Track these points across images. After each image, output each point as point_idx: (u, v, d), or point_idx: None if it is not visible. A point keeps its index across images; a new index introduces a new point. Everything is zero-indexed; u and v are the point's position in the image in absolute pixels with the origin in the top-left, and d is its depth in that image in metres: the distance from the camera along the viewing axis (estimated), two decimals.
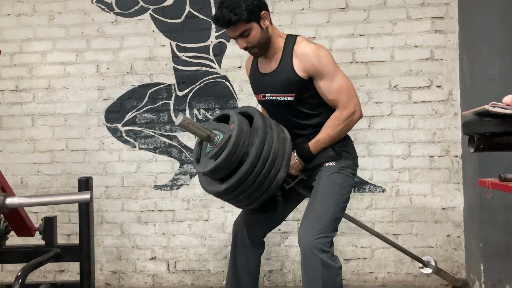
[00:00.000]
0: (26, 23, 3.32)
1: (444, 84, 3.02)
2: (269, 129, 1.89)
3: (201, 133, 1.84)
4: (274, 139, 1.87)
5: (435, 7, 3.03)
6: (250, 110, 1.96)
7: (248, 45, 1.97)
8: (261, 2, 1.97)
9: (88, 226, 2.23)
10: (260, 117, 1.89)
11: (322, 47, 1.99)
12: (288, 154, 1.91)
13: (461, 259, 3.00)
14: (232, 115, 1.88)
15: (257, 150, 1.81)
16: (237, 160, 1.81)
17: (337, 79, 1.95)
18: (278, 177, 1.87)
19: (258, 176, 1.82)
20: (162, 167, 3.23)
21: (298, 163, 2.00)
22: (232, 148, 1.78)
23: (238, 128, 1.80)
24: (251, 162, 1.80)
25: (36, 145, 3.30)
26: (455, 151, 3.01)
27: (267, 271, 3.13)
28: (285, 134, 1.97)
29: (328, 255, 1.84)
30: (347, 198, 2.02)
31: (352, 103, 1.96)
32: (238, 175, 1.80)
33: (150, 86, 3.24)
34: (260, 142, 1.82)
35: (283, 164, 1.89)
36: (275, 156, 1.85)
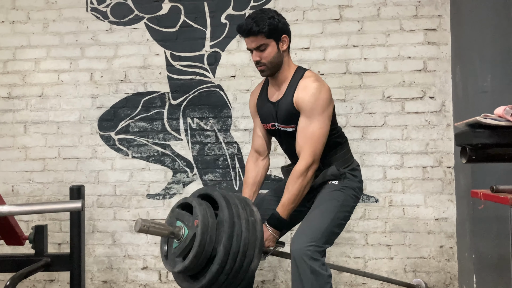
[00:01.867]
0: (20, 31, 3.31)
1: (437, 95, 3.04)
2: (237, 218, 1.81)
3: (164, 232, 1.78)
4: (243, 229, 1.80)
5: (428, 19, 3.06)
6: (213, 194, 1.89)
7: (261, 60, 2.01)
8: (285, 26, 2.06)
9: (79, 235, 2.20)
10: (225, 206, 1.81)
11: (325, 90, 1.99)
12: (260, 239, 1.85)
13: (454, 270, 3.00)
14: (195, 206, 1.80)
15: (225, 247, 1.75)
16: (205, 259, 1.76)
17: (314, 125, 1.96)
18: (252, 267, 1.83)
19: (230, 272, 1.77)
20: (155, 176, 3.21)
21: (273, 233, 2.01)
22: (198, 249, 1.72)
23: (202, 224, 1.74)
24: (221, 261, 1.74)
25: (28, 153, 3.28)
26: (448, 162, 3.03)
27: (260, 282, 3.11)
28: (255, 216, 1.89)
29: (318, 263, 1.85)
30: (346, 216, 2.04)
31: (312, 155, 1.96)
32: (208, 276, 1.75)
33: (144, 94, 3.23)
34: (228, 238, 1.75)
35: (256, 253, 1.83)
36: (245, 247, 1.79)
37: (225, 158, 3.17)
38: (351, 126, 3.08)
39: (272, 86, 2.13)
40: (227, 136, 3.17)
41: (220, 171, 3.17)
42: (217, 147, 3.17)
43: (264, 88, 2.19)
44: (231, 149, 3.17)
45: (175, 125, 3.21)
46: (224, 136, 3.17)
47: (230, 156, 3.16)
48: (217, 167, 3.17)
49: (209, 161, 3.18)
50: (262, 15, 1.99)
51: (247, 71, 3.14)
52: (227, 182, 3.16)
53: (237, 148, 3.16)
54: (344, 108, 3.09)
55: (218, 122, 3.18)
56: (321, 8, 3.12)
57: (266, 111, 2.13)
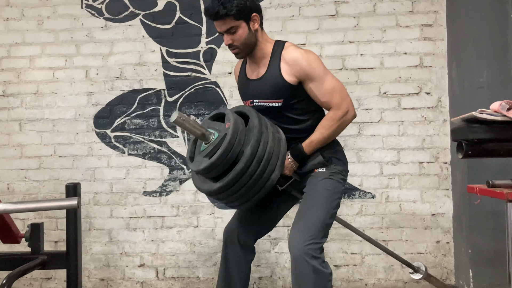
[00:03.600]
0: (14, 28, 3.29)
1: (433, 91, 3.05)
2: (265, 128, 1.87)
3: (196, 131, 1.82)
4: (269, 139, 1.85)
5: (424, 15, 3.06)
6: (245, 110, 1.95)
7: (233, 42, 1.97)
8: (254, 4, 1.97)
9: (75, 233, 2.19)
10: (256, 117, 1.88)
11: (310, 52, 1.99)
12: (283, 154, 1.91)
13: (450, 265, 3.01)
14: (227, 113, 1.86)
15: (252, 149, 1.79)
16: (232, 159, 1.79)
17: (327, 80, 1.96)
18: (272, 177, 1.86)
19: (252, 175, 1.80)
20: (151, 173, 3.21)
21: (292, 163, 1.98)
22: (227, 147, 1.76)
23: (233, 126, 1.79)
24: (246, 161, 1.78)
25: (23, 151, 3.26)
26: (444, 157, 3.03)
27: (257, 278, 3.11)
28: (280, 135, 1.95)
29: (319, 261, 1.83)
30: (338, 204, 2.01)
31: (345, 102, 1.96)
32: (232, 174, 1.79)
33: (139, 91, 3.22)
34: (256, 141, 1.80)
35: (278, 164, 1.87)
36: (270, 155, 1.84)
37: None
38: None
39: (251, 64, 2.09)
40: None
41: None
42: None
43: (242, 66, 2.15)
44: None
45: (171, 122, 3.19)
46: None
47: None
48: None
49: None
50: None
51: None
52: None
53: None
54: None
55: None
56: (317, 4, 3.12)
57: (244, 88, 2.11)
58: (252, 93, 2.06)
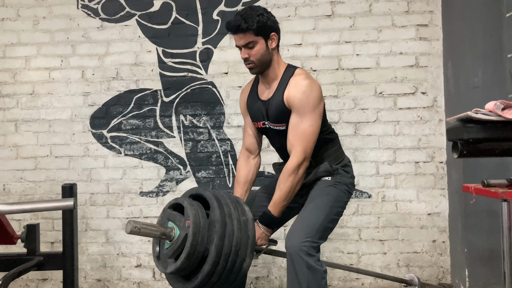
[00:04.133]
0: (10, 28, 3.28)
1: (428, 90, 3.06)
2: (228, 218, 1.80)
3: (156, 233, 1.77)
4: (234, 229, 1.79)
5: (419, 15, 3.07)
6: (204, 194, 1.88)
7: (249, 57, 2.00)
8: (274, 24, 2.03)
9: (72, 234, 2.19)
10: (216, 207, 1.80)
11: (316, 88, 1.99)
12: (252, 238, 1.85)
13: (446, 265, 3.02)
14: (186, 207, 1.79)
15: (217, 247, 1.74)
16: (198, 259, 1.76)
17: (305, 123, 1.96)
18: (244, 267, 1.83)
19: (222, 272, 1.77)
20: (148, 173, 3.20)
21: (265, 231, 2.01)
22: (190, 250, 1.72)
23: (193, 225, 1.73)
24: (212, 262, 1.73)
25: (19, 152, 3.25)
26: (440, 157, 3.04)
27: (254, 278, 3.11)
28: (246, 215, 1.88)
29: (314, 259, 1.86)
30: (339, 212, 2.04)
31: (303, 152, 1.96)
32: (201, 276, 1.75)
33: (136, 92, 3.22)
34: (219, 238, 1.75)
35: (248, 252, 1.83)
36: (238, 247, 1.79)
37: (218, 155, 3.16)
38: (344, 122, 3.09)
39: (262, 84, 2.12)
40: (220, 133, 3.17)
41: (213, 168, 3.16)
42: (210, 144, 3.17)
43: (254, 86, 2.18)
44: (224, 146, 3.16)
45: (167, 123, 3.20)
46: (217, 133, 3.17)
47: (223, 153, 3.16)
48: (210, 164, 3.16)
49: (202, 158, 3.17)
50: (251, 12, 1.98)
51: (239, 68, 3.13)
52: (220, 179, 3.16)
53: (230, 145, 3.16)
54: (336, 104, 3.09)
55: (211, 119, 3.17)
56: (313, 4, 3.12)
57: (256, 109, 2.13)
58: (263, 114, 2.10)
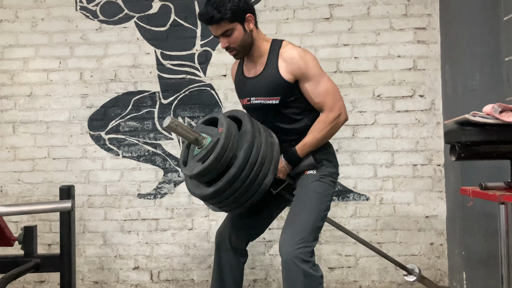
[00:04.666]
0: (8, 30, 3.27)
1: (426, 93, 3.07)
2: (258, 133, 1.88)
3: (189, 136, 1.82)
4: (262, 143, 1.86)
5: (417, 18, 3.08)
6: (239, 114, 1.96)
7: (229, 45, 1.98)
8: (247, 4, 1.98)
9: (69, 236, 2.18)
10: (249, 121, 1.89)
11: (308, 51, 2.02)
12: (276, 159, 1.91)
13: (444, 267, 3.03)
14: (220, 118, 1.87)
15: (245, 154, 1.80)
16: (225, 164, 1.80)
17: (322, 82, 1.98)
18: (265, 182, 1.87)
19: (245, 180, 1.81)
20: (145, 175, 3.20)
21: (286, 167, 1.99)
22: (220, 151, 1.77)
23: (226, 131, 1.79)
24: (239, 165, 1.79)
25: (17, 153, 3.25)
26: (438, 159, 3.05)
27: (252, 280, 3.11)
28: (273, 139, 1.96)
29: (309, 265, 1.83)
30: (328, 206, 2.02)
31: (338, 105, 1.98)
32: (225, 179, 1.79)
33: (134, 93, 3.22)
34: (248, 146, 1.81)
35: (271, 169, 1.88)
36: (263, 160, 1.85)
37: None
38: None
39: (248, 63, 2.09)
40: None
41: None
42: None
43: (240, 65, 2.16)
44: None
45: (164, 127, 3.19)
46: None
47: None
48: None
49: None
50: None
51: None
52: None
53: None
54: None
55: None
56: (312, 7, 3.13)
57: (241, 86, 2.12)
58: (249, 90, 2.06)
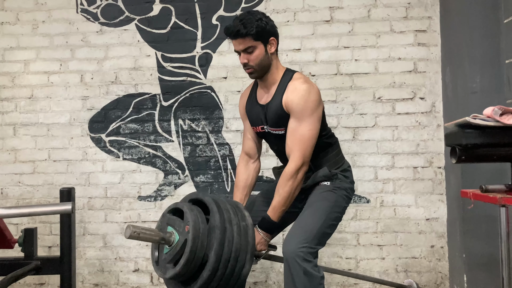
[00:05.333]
0: (9, 32, 3.28)
1: (427, 96, 3.06)
2: (228, 224, 1.80)
3: (155, 238, 1.77)
4: (234, 234, 1.79)
5: (418, 21, 3.08)
6: (204, 199, 1.88)
7: (248, 62, 2.00)
8: (273, 29, 2.03)
9: (69, 238, 2.19)
10: (216, 212, 1.81)
11: (314, 92, 1.99)
12: (252, 244, 1.85)
13: (445, 270, 3.02)
14: (185, 212, 1.79)
15: (217, 253, 1.74)
16: (197, 264, 1.75)
17: (304, 127, 1.96)
18: (243, 273, 1.83)
19: (221, 278, 1.77)
20: (146, 177, 3.20)
21: (265, 237, 2.01)
22: (189, 255, 1.72)
23: (193, 230, 1.73)
24: (212, 268, 1.74)
25: (17, 155, 3.25)
26: (438, 162, 3.04)
27: (252, 283, 3.10)
28: (246, 221, 1.88)
29: (311, 265, 1.85)
30: (338, 217, 2.04)
31: (302, 156, 1.96)
32: (200, 282, 1.75)
33: (135, 96, 3.22)
34: (219, 244, 1.75)
35: (247, 258, 1.83)
36: (237, 253, 1.79)
37: (216, 160, 3.16)
38: (342, 127, 3.09)
39: (261, 89, 2.12)
40: (219, 137, 3.17)
41: (211, 173, 3.16)
42: (209, 149, 3.17)
43: (253, 91, 2.18)
44: (222, 151, 3.16)
45: (166, 127, 3.20)
46: (216, 138, 3.17)
47: (222, 158, 3.16)
48: (209, 168, 3.16)
49: (201, 162, 3.17)
50: (250, 17, 1.98)
51: (238, 73, 3.14)
52: (219, 183, 3.15)
53: (229, 149, 3.16)
54: (335, 109, 3.10)
55: (209, 124, 3.17)
56: (312, 10, 3.13)
57: (255, 114, 2.13)
58: (262, 118, 2.09)
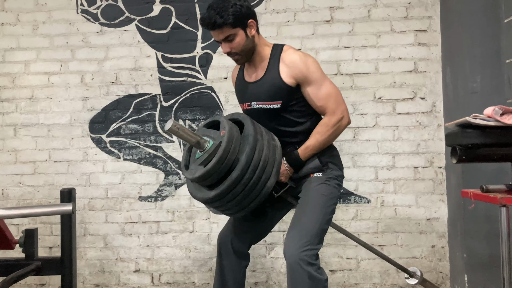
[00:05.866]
0: (9, 33, 3.28)
1: (427, 96, 3.06)
2: (260, 136, 1.87)
3: (191, 139, 1.82)
4: (264, 146, 1.86)
5: (418, 20, 3.08)
6: (241, 117, 1.95)
7: (231, 50, 1.97)
8: (249, 10, 1.97)
9: (70, 238, 2.18)
10: (251, 124, 1.88)
11: (309, 55, 2.01)
12: (278, 162, 1.91)
13: (446, 270, 3.02)
14: (222, 121, 1.86)
15: (247, 157, 1.79)
16: (227, 167, 1.79)
17: (324, 85, 1.98)
18: (268, 185, 1.86)
19: (248, 183, 1.81)
20: (146, 178, 3.20)
21: (288, 170, 1.99)
22: (222, 155, 1.76)
23: (228, 134, 1.79)
24: (241, 169, 1.78)
25: (18, 156, 3.25)
26: (439, 162, 3.04)
27: (253, 283, 3.10)
28: (276, 142, 1.95)
29: (314, 268, 1.83)
30: (333, 209, 2.02)
31: (340, 109, 1.98)
32: (228, 182, 1.79)
33: (135, 96, 3.22)
34: (251, 149, 1.80)
35: (273, 172, 1.88)
36: (265, 163, 1.84)
37: None
38: None
39: (249, 67, 2.09)
40: None
41: None
42: None
43: (240, 70, 2.16)
44: None
45: (166, 131, 3.19)
46: None
47: None
48: None
49: None
50: (223, 4, 1.90)
51: None
52: None
53: None
54: None
55: None
56: (312, 10, 3.13)
57: (242, 91, 2.11)
58: (250, 95, 2.06)
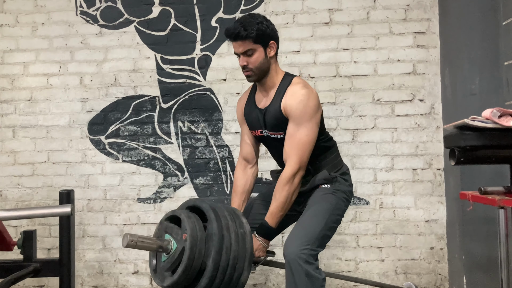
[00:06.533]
0: (8, 34, 3.28)
1: (426, 98, 3.07)
2: (226, 231, 1.78)
3: (153, 247, 1.76)
4: (232, 242, 1.78)
5: (417, 23, 3.08)
6: (202, 206, 1.86)
7: (248, 64, 2.00)
8: (273, 32, 2.03)
9: (68, 240, 2.18)
10: (213, 219, 1.79)
11: (313, 97, 1.98)
12: (250, 252, 1.84)
13: (444, 272, 3.02)
14: (183, 219, 1.77)
15: (215, 262, 1.72)
16: (195, 272, 1.74)
17: (301, 132, 1.96)
18: (242, 280, 1.81)
19: (219, 286, 1.75)
20: (145, 179, 3.20)
21: (263, 243, 2.01)
22: (187, 263, 1.70)
23: (191, 238, 1.71)
24: (210, 276, 1.72)
25: (16, 157, 3.25)
26: (438, 164, 3.05)
27: (251, 285, 3.10)
28: (244, 228, 1.86)
29: (313, 267, 1.85)
30: (338, 220, 2.04)
31: (299, 161, 1.96)
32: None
33: (134, 98, 3.22)
34: (216, 252, 1.73)
35: (245, 265, 1.81)
36: (235, 261, 1.77)
37: (216, 162, 3.16)
38: (342, 129, 3.10)
39: (260, 92, 2.12)
40: (218, 139, 3.17)
41: (211, 175, 3.16)
42: (208, 151, 3.17)
43: (251, 95, 2.17)
44: (222, 153, 3.16)
45: (165, 129, 3.20)
46: (215, 140, 3.17)
47: (221, 160, 3.16)
48: (208, 170, 3.16)
49: (200, 164, 3.17)
50: (250, 19, 1.98)
51: (237, 75, 3.14)
52: (218, 185, 3.15)
53: (228, 151, 3.16)
54: (334, 111, 3.10)
55: (209, 126, 3.17)
56: (311, 12, 3.14)
57: (254, 117, 2.12)
58: (261, 122, 2.09)
